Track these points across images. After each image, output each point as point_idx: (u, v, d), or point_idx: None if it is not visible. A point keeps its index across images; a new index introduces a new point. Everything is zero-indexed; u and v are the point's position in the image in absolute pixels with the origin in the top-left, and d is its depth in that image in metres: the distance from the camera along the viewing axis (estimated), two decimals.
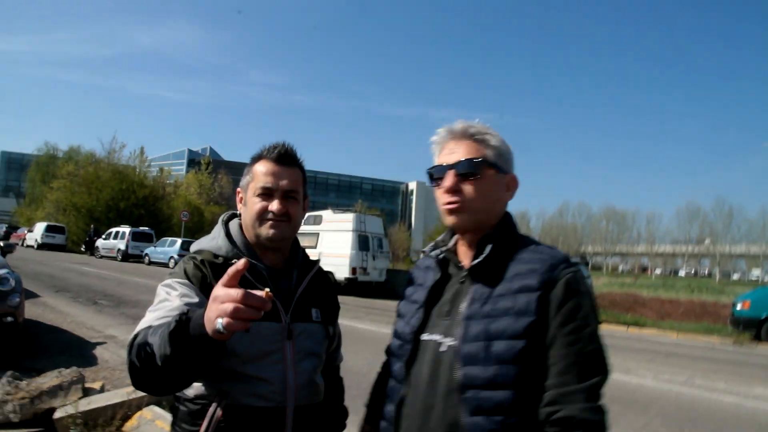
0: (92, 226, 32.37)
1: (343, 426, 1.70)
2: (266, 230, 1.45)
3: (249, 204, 1.49)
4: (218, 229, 1.54)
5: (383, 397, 1.39)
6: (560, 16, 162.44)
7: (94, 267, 22.27)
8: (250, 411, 1.37)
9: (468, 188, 1.25)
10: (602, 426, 1.07)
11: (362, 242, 18.30)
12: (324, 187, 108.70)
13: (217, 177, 55.20)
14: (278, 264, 1.53)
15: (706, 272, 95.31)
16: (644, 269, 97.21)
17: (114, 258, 29.02)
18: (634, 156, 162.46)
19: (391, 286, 18.66)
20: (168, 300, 1.36)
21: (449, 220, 1.28)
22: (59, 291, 12.81)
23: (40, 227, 36.15)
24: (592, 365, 1.11)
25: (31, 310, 8.57)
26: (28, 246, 34.72)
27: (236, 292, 0.96)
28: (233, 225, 1.56)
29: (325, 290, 1.61)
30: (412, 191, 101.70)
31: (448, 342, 1.20)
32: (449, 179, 1.26)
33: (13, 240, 36.82)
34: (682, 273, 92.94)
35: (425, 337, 1.26)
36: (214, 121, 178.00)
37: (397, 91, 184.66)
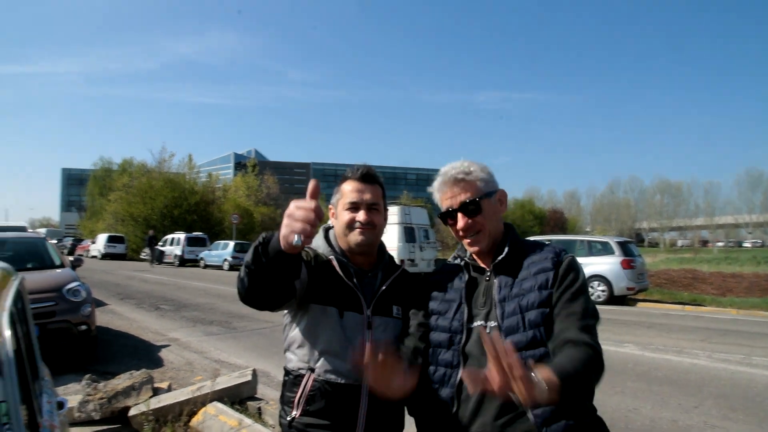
0: (150, 231, 32.63)
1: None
2: (355, 237, 1.75)
3: (340, 216, 1.79)
4: (320, 235, 1.86)
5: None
6: None
7: (154, 273, 23.29)
8: (333, 385, 1.67)
9: (476, 221, 1.63)
10: (594, 346, 1.41)
11: (408, 234, 18.45)
12: None
13: (264, 178, 56.30)
14: (365, 266, 1.81)
15: None
16: (705, 243, 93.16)
17: (171, 263, 30.18)
18: (686, 124, 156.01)
19: None
20: None
21: (472, 249, 1.67)
22: (124, 298, 13.55)
23: (101, 238, 37.96)
24: (585, 312, 1.49)
25: (101, 318, 9.16)
26: (92, 257, 36.53)
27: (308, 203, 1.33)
28: (331, 233, 1.86)
29: (408, 291, 1.83)
30: None
31: (491, 324, 1.54)
32: (461, 221, 1.63)
33: (78, 252, 38.81)
34: (747, 245, 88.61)
35: (473, 325, 1.58)
36: (257, 124, 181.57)
37: (436, 78, 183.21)
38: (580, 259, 8.22)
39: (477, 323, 1.57)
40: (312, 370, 1.69)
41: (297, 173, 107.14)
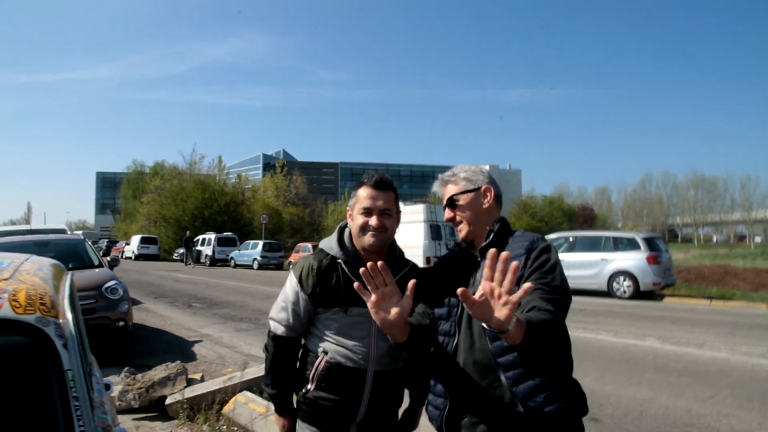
0: (188, 232, 32.90)
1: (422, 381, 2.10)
2: (368, 239, 1.95)
3: (355, 219, 2.00)
4: (335, 234, 2.07)
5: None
6: None
7: (186, 273, 23.96)
8: (342, 368, 1.92)
9: (456, 213, 1.93)
10: (554, 315, 1.56)
11: (434, 232, 18.62)
12: (396, 178, 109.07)
13: (292, 178, 56.95)
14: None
15: None
16: (741, 238, 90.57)
17: (203, 263, 30.93)
18: (721, 116, 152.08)
19: None
20: (288, 293, 2.02)
21: (459, 234, 1.94)
22: (158, 297, 14.07)
23: (135, 240, 39.09)
24: (552, 288, 1.64)
25: (137, 315, 9.59)
26: (126, 258, 37.61)
27: None
28: (347, 232, 2.08)
29: (419, 287, 1.98)
30: None
31: None
32: (446, 214, 1.96)
33: (113, 253, 40.00)
34: None
35: None
36: (285, 124, 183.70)
37: (463, 76, 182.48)
38: (605, 254, 8.49)
39: None
40: (326, 352, 1.95)
41: (325, 173, 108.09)
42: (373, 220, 1.93)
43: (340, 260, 1.97)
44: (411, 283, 1.66)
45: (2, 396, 1.37)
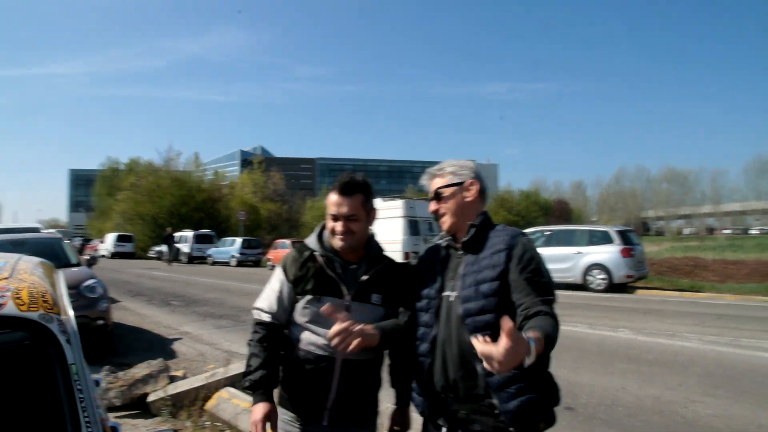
0: (168, 229, 32.10)
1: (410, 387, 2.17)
2: (337, 242, 2.07)
3: (327, 222, 2.12)
4: (315, 230, 2.19)
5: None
6: None
7: (163, 271, 23.74)
8: (311, 355, 2.02)
9: (442, 206, 2.00)
10: (556, 317, 1.68)
11: (413, 227, 18.73)
12: (375, 174, 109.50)
13: (270, 175, 56.59)
14: (353, 258, 2.11)
15: None
16: (711, 231, 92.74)
17: (180, 261, 30.63)
18: (693, 112, 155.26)
19: None
20: (273, 282, 2.15)
21: (443, 227, 2.02)
22: (135, 295, 13.95)
23: (110, 238, 38.50)
24: (545, 290, 1.74)
25: (114, 314, 9.49)
26: (101, 256, 36.98)
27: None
28: (326, 230, 2.18)
29: (392, 281, 2.13)
30: None
31: (454, 293, 1.87)
32: (431, 206, 2.04)
33: (87, 251, 39.32)
34: (754, 232, 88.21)
35: (444, 294, 1.92)
36: (263, 120, 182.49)
37: (443, 71, 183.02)
38: (580, 248, 8.77)
39: (446, 293, 1.91)
40: (299, 341, 2.05)
41: (303, 169, 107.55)
42: (338, 227, 2.04)
43: (317, 253, 2.09)
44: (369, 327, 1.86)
45: (11, 389, 1.43)
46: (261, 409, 1.96)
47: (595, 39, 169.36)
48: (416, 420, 2.12)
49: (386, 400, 2.23)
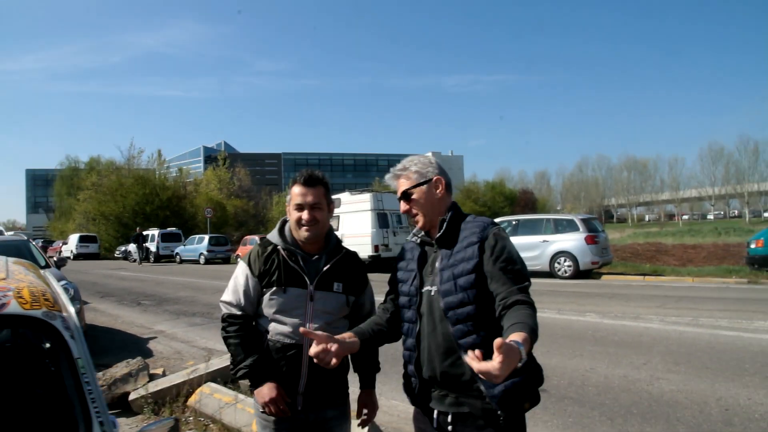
0: (138, 228, 31.55)
1: (372, 370, 2.36)
2: (302, 233, 2.21)
3: (291, 215, 2.25)
4: (277, 226, 2.32)
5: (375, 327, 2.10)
6: None
7: (131, 271, 23.32)
8: (281, 344, 2.15)
9: (411, 206, 2.04)
10: (533, 305, 1.75)
11: (381, 220, 18.84)
12: (341, 167, 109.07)
13: (235, 171, 55.98)
14: (313, 251, 2.26)
15: (736, 213, 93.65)
16: (671, 217, 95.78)
17: (147, 260, 30.12)
18: (650, 101, 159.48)
19: None
20: (238, 276, 2.24)
21: (417, 226, 2.05)
22: (104, 296, 13.74)
23: (73, 239, 37.58)
24: (520, 277, 1.81)
25: (85, 316, 9.39)
26: (65, 258, 36.06)
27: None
28: (287, 225, 2.31)
29: (351, 270, 2.31)
30: None
31: (434, 288, 1.92)
32: (402, 207, 2.07)
33: (49, 253, 38.27)
34: (711, 217, 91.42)
35: (423, 290, 1.97)
36: (225, 116, 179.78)
37: (405, 63, 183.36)
38: (546, 236, 9.07)
39: (425, 288, 1.97)
40: (267, 331, 2.18)
41: (268, 164, 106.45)
42: (305, 215, 2.16)
43: (279, 247, 2.22)
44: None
45: (21, 385, 1.47)
46: (268, 388, 2.08)
47: (553, 28, 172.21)
48: (406, 410, 2.21)
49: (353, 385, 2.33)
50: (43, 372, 1.45)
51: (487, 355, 1.73)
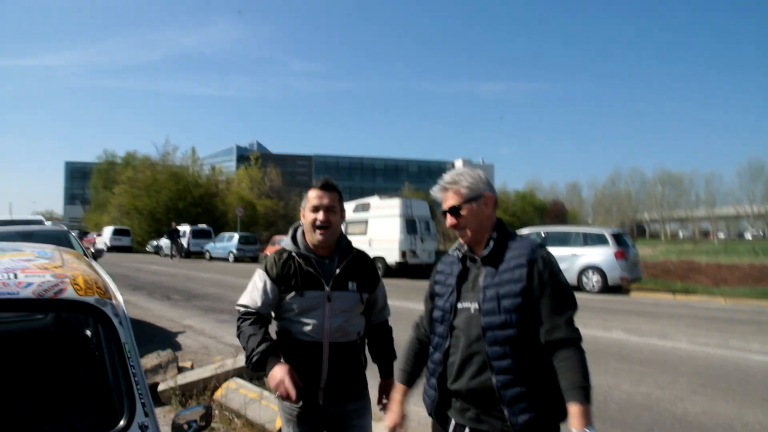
0: (173, 223, 32.11)
1: (389, 359, 2.49)
2: (317, 236, 2.32)
3: (306, 217, 2.36)
4: (289, 234, 2.44)
5: (417, 359, 2.20)
6: None
7: (162, 265, 23.86)
8: (302, 343, 2.26)
9: (459, 221, 2.01)
10: (579, 340, 1.80)
11: (410, 226, 18.86)
12: (371, 172, 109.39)
13: (267, 171, 56.63)
14: (326, 253, 2.38)
15: None
16: (706, 234, 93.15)
17: (176, 256, 30.73)
18: (688, 115, 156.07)
19: None
20: (256, 282, 2.33)
21: (462, 239, 2.06)
22: (136, 289, 14.10)
23: (107, 231, 38.54)
24: (567, 304, 1.84)
25: None
26: (100, 249, 36.97)
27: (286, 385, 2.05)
28: (299, 230, 2.44)
29: (363, 269, 2.43)
30: None
31: (475, 306, 1.91)
32: (448, 221, 2.05)
33: (84, 244, 39.26)
34: (748, 236, 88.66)
35: (460, 306, 1.96)
36: (259, 116, 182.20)
37: (439, 68, 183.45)
38: (575, 249, 9.04)
39: (463, 305, 1.95)
40: (289, 332, 2.29)
41: (299, 165, 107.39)
42: (320, 215, 2.28)
43: (294, 253, 2.33)
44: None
45: (74, 364, 1.60)
46: (280, 369, 2.09)
47: (591, 39, 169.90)
48: (427, 418, 2.26)
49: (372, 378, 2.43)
50: (93, 353, 1.57)
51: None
